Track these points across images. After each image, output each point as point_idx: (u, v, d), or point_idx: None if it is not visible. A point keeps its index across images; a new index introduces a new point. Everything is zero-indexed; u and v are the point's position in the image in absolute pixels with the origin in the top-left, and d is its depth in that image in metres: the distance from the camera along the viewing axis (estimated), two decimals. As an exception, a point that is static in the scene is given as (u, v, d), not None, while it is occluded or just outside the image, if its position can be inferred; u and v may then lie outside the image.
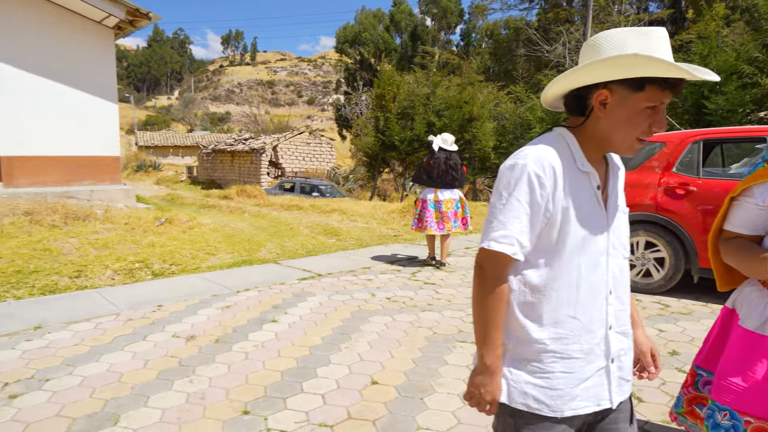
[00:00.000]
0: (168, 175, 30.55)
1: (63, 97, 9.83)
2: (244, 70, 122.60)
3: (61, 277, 5.81)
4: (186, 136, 47.14)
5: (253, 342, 4.15)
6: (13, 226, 7.36)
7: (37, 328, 4.38)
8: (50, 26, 9.66)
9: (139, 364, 3.70)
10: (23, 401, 3.13)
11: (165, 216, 8.80)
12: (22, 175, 9.52)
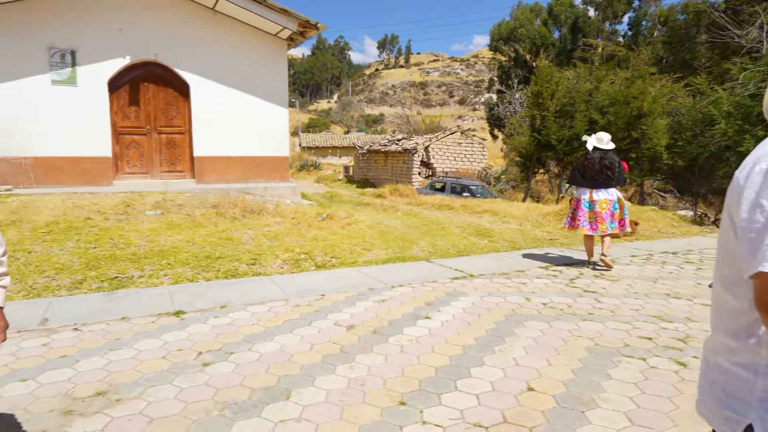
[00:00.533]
0: (327, 174, 32.75)
1: (243, 103, 11.08)
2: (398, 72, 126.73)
3: (240, 263, 6.54)
4: (343, 138, 50.15)
5: (407, 336, 4.27)
6: (203, 217, 8.47)
7: (223, 307, 4.99)
8: (234, 41, 10.94)
9: (306, 347, 4.02)
10: (213, 369, 3.59)
11: (326, 212, 9.44)
12: (210, 173, 10.93)
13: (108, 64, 9.96)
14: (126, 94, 10.35)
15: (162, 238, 7.27)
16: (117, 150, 10.36)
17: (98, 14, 9.80)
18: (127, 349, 3.95)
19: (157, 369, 3.59)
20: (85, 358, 3.77)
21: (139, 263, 6.28)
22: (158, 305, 5.00)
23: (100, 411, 3.01)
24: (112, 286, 5.60)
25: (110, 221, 7.84)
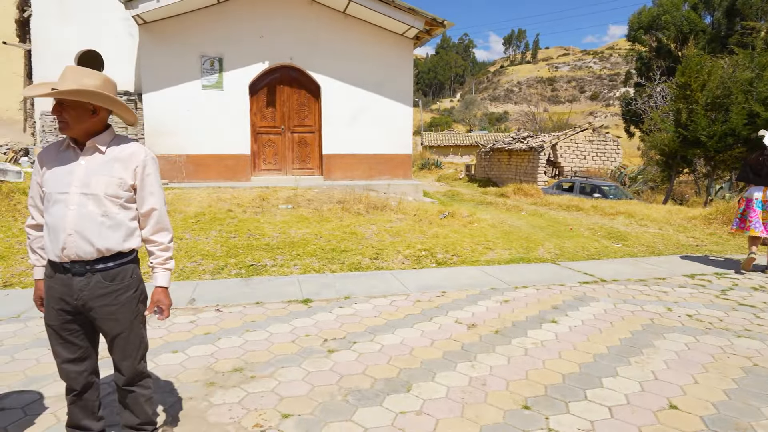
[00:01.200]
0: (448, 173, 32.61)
1: (369, 102, 11.40)
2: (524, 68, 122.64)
3: (363, 257, 6.73)
4: (465, 136, 49.66)
5: (532, 339, 4.08)
6: (330, 212, 8.85)
7: (347, 298, 5.16)
8: (362, 43, 11.29)
9: (427, 342, 4.01)
10: (338, 356, 3.72)
11: (447, 210, 9.39)
12: (337, 170, 11.40)
13: (249, 69, 10.82)
14: (264, 96, 11.17)
15: (293, 230, 7.72)
16: (255, 148, 11.22)
17: (242, 23, 10.67)
18: (261, 331, 4.23)
19: (287, 352, 3.80)
20: (225, 336, 4.11)
21: (272, 253, 6.72)
22: (288, 293, 5.30)
23: (237, 385, 3.26)
24: (248, 273, 6.05)
25: (248, 213, 8.50)
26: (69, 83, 2.08)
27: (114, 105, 2.19)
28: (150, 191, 2.26)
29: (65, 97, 2.07)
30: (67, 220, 2.11)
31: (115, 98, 2.18)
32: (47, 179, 2.17)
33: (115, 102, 2.18)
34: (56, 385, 3.24)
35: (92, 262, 2.16)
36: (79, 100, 2.10)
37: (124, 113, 2.27)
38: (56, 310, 2.20)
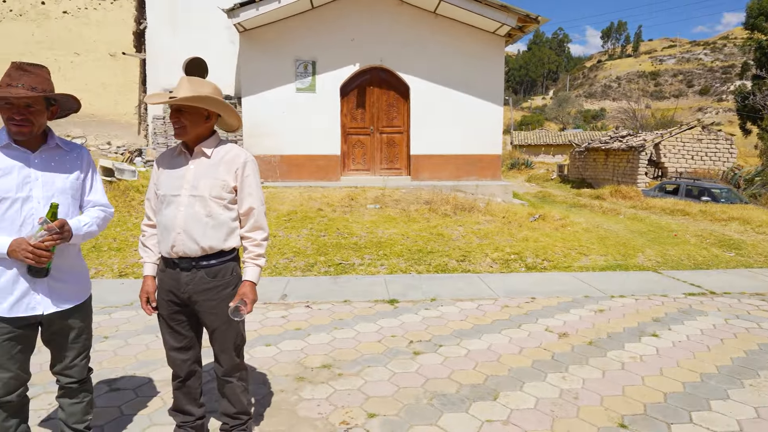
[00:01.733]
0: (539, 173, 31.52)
1: (458, 102, 11.28)
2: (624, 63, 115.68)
3: (450, 259, 6.67)
4: (558, 135, 47.71)
5: (629, 353, 3.83)
6: (417, 213, 8.86)
7: (433, 300, 5.14)
8: (451, 42, 11.19)
9: (515, 349, 3.90)
10: (423, 359, 3.71)
11: (538, 212, 9.07)
12: (424, 171, 11.40)
13: (340, 71, 11.10)
14: (354, 98, 11.41)
15: (380, 230, 7.82)
16: (345, 149, 11.50)
17: (334, 27, 10.97)
18: (348, 329, 4.32)
19: (373, 351, 3.85)
20: (314, 332, 4.25)
21: (359, 252, 6.85)
22: (375, 292, 5.38)
23: (325, 382, 3.35)
24: (337, 271, 6.21)
25: (337, 213, 8.73)
26: (185, 91, 2.24)
27: (225, 110, 2.34)
28: (249, 192, 2.38)
29: (186, 104, 2.23)
30: (176, 220, 2.28)
31: (227, 104, 2.32)
32: (162, 182, 2.35)
33: (227, 107, 2.33)
34: (163, 371, 3.51)
35: (197, 258, 2.31)
36: (195, 107, 2.26)
37: (232, 118, 2.42)
38: (166, 301, 2.39)
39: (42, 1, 11.84)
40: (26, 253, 1.96)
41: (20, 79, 2.00)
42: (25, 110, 2.02)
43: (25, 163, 2.07)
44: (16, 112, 2.00)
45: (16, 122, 2.01)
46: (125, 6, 12.08)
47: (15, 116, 2.00)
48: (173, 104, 2.27)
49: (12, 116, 2.00)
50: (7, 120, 2.00)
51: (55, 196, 2.11)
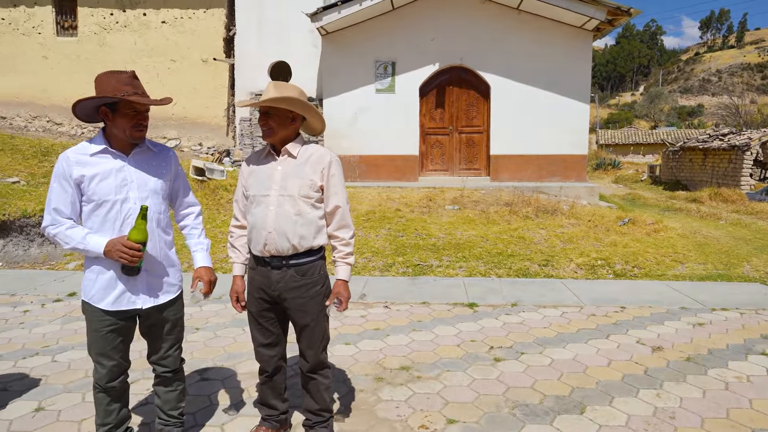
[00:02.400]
0: (627, 174, 29.86)
1: (540, 100, 10.90)
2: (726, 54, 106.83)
3: (531, 263, 6.45)
4: (648, 133, 44.93)
5: (735, 372, 3.51)
6: (497, 215, 8.66)
7: (514, 305, 4.99)
8: (534, 39, 10.83)
9: (603, 361, 3.69)
10: (504, 366, 3.60)
11: (628, 216, 8.57)
12: (505, 171, 11.12)
13: (420, 71, 11.07)
14: (433, 97, 11.35)
15: (458, 231, 7.71)
16: (423, 149, 11.46)
17: (414, 27, 10.96)
18: (426, 331, 4.29)
19: (452, 355, 3.80)
20: (393, 333, 4.25)
21: (438, 253, 6.79)
22: (453, 295, 5.30)
23: (404, 384, 3.34)
24: (414, 272, 6.19)
25: (415, 213, 8.71)
26: (274, 95, 2.31)
27: (309, 111, 2.40)
28: (334, 191, 2.43)
29: (273, 105, 2.31)
30: (267, 219, 2.35)
31: (311, 105, 2.38)
32: (251, 183, 2.44)
33: (311, 109, 2.39)
34: (248, 364, 3.65)
35: (287, 257, 2.38)
36: (282, 109, 2.33)
37: (316, 120, 2.47)
38: (256, 299, 2.47)
39: (144, 13, 12.77)
40: (120, 253, 2.08)
41: (140, 86, 2.15)
42: (146, 115, 2.19)
43: (122, 166, 2.20)
44: (142, 117, 2.16)
45: (142, 127, 2.17)
46: (217, 14, 12.75)
47: (142, 122, 2.16)
48: (262, 107, 2.35)
49: (139, 122, 2.15)
50: (133, 126, 2.14)
51: (148, 197, 2.24)
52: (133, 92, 2.10)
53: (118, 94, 2.08)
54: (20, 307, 4.95)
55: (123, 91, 2.09)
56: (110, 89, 2.08)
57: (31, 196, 7.63)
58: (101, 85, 2.10)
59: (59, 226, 2.14)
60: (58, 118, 13.16)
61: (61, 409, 3.04)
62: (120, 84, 2.09)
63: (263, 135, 2.42)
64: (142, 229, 2.13)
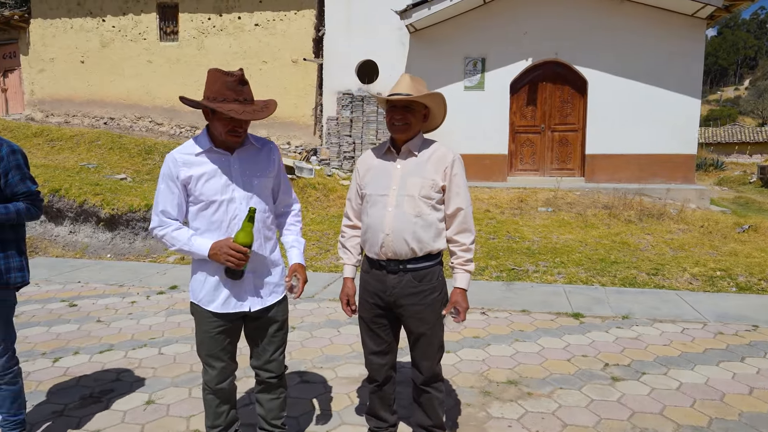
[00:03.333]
0: (732, 175, 27.42)
1: (642, 95, 10.13)
2: None
3: (639, 271, 5.94)
4: (757, 131, 41.10)
5: None
6: (595, 218, 8.12)
7: (624, 317, 4.57)
8: (638, 29, 10.08)
9: (743, 388, 3.24)
10: (625, 387, 3.26)
11: (748, 223, 7.73)
12: (601, 172, 10.45)
13: (511, 67, 10.65)
14: (524, 94, 10.88)
15: (554, 235, 7.29)
16: (512, 148, 11.02)
17: (505, 22, 10.55)
18: (530, 342, 4.01)
19: (563, 371, 3.50)
20: (494, 342, 4.01)
21: (533, 258, 6.43)
22: (555, 303, 4.96)
23: (514, 400, 3.10)
24: (509, 277, 5.88)
25: (505, 215, 8.36)
26: (416, 90, 2.18)
27: (442, 109, 2.26)
28: (457, 191, 2.25)
29: (420, 100, 2.18)
30: (385, 220, 2.21)
31: (445, 104, 2.24)
32: (367, 182, 2.31)
33: (444, 105, 2.25)
34: (347, 368, 3.56)
35: (405, 261, 2.23)
36: (420, 104, 2.21)
37: (440, 119, 2.32)
38: (370, 304, 2.34)
39: (239, 17, 13.25)
40: (226, 256, 2.00)
41: (244, 92, 2.02)
42: (245, 122, 2.06)
43: (227, 165, 2.12)
44: (238, 124, 2.04)
45: (237, 133, 2.05)
46: (307, 16, 12.99)
47: (238, 128, 2.04)
48: (399, 101, 2.19)
49: (235, 128, 2.03)
50: (228, 132, 2.03)
51: (253, 196, 2.15)
52: (234, 98, 1.99)
53: (218, 98, 1.98)
54: (128, 298, 5.20)
55: (224, 96, 1.98)
56: (214, 91, 1.99)
57: (136, 192, 8.07)
58: (208, 83, 2.01)
59: (166, 227, 2.10)
60: (159, 119, 13.96)
61: (170, 404, 3.08)
62: (224, 88, 1.98)
63: (396, 130, 2.25)
64: (248, 232, 2.04)
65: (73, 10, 14.04)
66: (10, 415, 2.47)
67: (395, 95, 2.17)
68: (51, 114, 14.61)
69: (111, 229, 7.53)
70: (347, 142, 11.42)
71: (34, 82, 14.43)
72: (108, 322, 4.51)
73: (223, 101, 1.98)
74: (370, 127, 11.31)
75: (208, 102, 1.98)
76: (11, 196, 2.34)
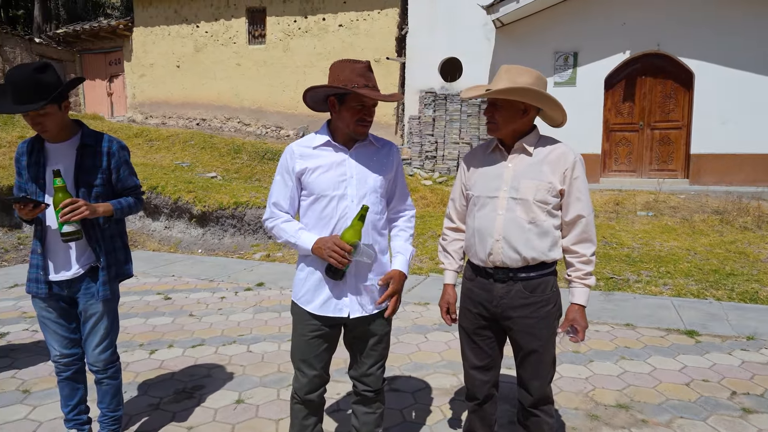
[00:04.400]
0: None
1: (757, 88, 9.12)
2: None
3: (761, 286, 5.28)
4: None
5: None
6: (704, 224, 7.39)
7: (749, 338, 4.04)
8: (753, 15, 9.07)
9: None
10: (760, 421, 2.83)
11: None
12: (709, 173, 9.54)
13: (606, 61, 9.99)
14: (620, 90, 10.17)
15: (657, 242, 6.70)
16: (606, 147, 10.34)
17: (600, 13, 9.90)
18: (639, 361, 3.62)
19: (682, 397, 3.11)
20: (597, 359, 3.66)
21: (634, 266, 5.92)
22: (663, 318, 4.49)
23: (626, 427, 2.77)
24: (607, 286, 5.44)
25: (600, 218, 7.81)
26: (503, 83, 1.95)
27: (547, 102, 1.99)
28: (577, 196, 1.99)
29: (499, 97, 1.95)
30: (494, 225, 2.00)
31: (548, 95, 1.96)
32: (474, 182, 2.11)
33: (549, 99, 1.97)
34: (437, 378, 3.37)
35: (515, 270, 2.00)
36: (512, 100, 1.96)
37: (555, 111, 2.06)
38: (473, 314, 2.14)
39: (323, 18, 13.44)
40: (330, 251, 1.88)
41: (372, 79, 1.96)
42: (372, 111, 1.99)
43: (343, 160, 2.01)
44: (367, 113, 1.96)
45: (366, 123, 1.98)
46: (390, 14, 12.93)
47: (367, 117, 1.97)
48: (489, 98, 1.99)
49: (364, 116, 1.96)
50: (357, 121, 1.95)
51: (366, 195, 2.01)
52: (364, 84, 1.91)
53: (349, 85, 1.89)
54: (217, 293, 5.31)
55: (355, 82, 1.90)
56: (343, 79, 1.91)
57: (225, 190, 8.33)
58: (335, 73, 1.94)
59: (276, 219, 2.04)
60: (247, 120, 14.46)
61: (258, 404, 3.04)
62: (353, 74, 1.91)
63: (488, 129, 2.06)
64: (357, 230, 1.91)
65: (171, 17, 14.86)
66: (109, 411, 2.50)
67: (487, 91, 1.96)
68: (150, 116, 15.57)
69: (202, 225, 7.81)
70: (429, 141, 11.22)
71: (136, 86, 15.43)
72: (199, 317, 4.60)
73: (354, 87, 1.89)
74: (453, 126, 11.04)
75: (344, 87, 1.90)
76: (121, 190, 2.41)
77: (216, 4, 14.32)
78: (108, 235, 2.37)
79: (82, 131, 2.31)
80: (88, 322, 2.35)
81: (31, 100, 2.09)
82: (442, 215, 7.80)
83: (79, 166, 2.25)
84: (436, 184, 10.24)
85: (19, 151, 2.32)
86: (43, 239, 2.27)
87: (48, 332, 2.36)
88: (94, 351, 2.37)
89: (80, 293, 2.31)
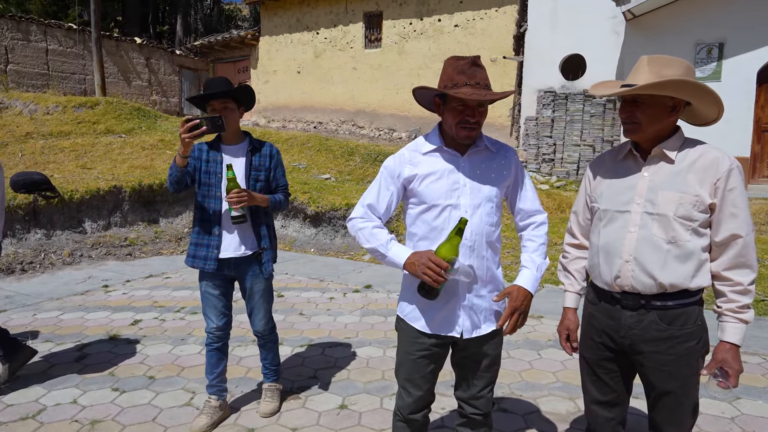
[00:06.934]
0: None
1: None
2: None
3: None
4: None
5: None
6: None
7: None
8: None
9: None
10: None
11: None
12: None
13: (759, 52, 8.77)
14: (776, 84, 8.88)
15: (822, 260, 5.72)
16: (756, 149, 9.10)
17: None
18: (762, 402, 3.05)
19: None
20: (745, 395, 3.17)
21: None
22: (833, 353, 3.78)
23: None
24: (758, 310, 4.73)
25: (747, 231, 6.85)
26: (647, 75, 1.67)
27: (705, 97, 1.68)
28: (732, 212, 1.65)
29: (648, 92, 1.67)
30: (624, 243, 1.73)
31: (709, 87, 1.66)
32: (601, 193, 1.85)
33: (708, 92, 1.67)
34: (551, 400, 3.10)
35: (648, 297, 1.72)
36: (658, 96, 1.67)
37: (711, 107, 1.74)
38: (597, 343, 1.88)
39: (438, 19, 13.34)
40: (425, 268, 1.70)
41: (478, 75, 1.76)
42: (478, 111, 1.78)
43: (455, 167, 1.85)
44: (470, 113, 1.77)
45: (470, 125, 1.78)
46: (508, 12, 12.49)
47: (470, 118, 1.77)
48: (630, 95, 1.72)
49: (466, 118, 1.77)
50: (458, 123, 1.77)
51: (481, 205, 1.84)
52: (465, 82, 1.72)
53: (448, 84, 1.75)
54: (327, 294, 5.39)
55: (455, 81, 1.74)
56: (444, 79, 1.77)
57: (338, 191, 8.53)
58: (442, 72, 1.80)
59: (368, 221, 1.90)
60: (361, 122, 14.79)
61: (362, 412, 2.99)
62: (455, 72, 1.75)
63: (625, 131, 1.79)
64: (455, 246, 1.73)
65: (293, 26, 15.64)
66: (272, 365, 3.01)
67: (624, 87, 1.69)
68: (272, 120, 16.52)
69: (315, 225, 8.05)
70: (547, 143, 10.65)
71: (260, 92, 16.44)
72: (309, 316, 4.70)
73: (454, 87, 1.74)
74: (574, 128, 10.38)
75: (440, 89, 1.77)
76: (275, 188, 2.86)
77: (335, 10, 14.81)
78: (268, 223, 2.83)
79: (249, 137, 2.81)
80: (253, 297, 2.84)
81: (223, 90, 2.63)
82: (559, 222, 7.31)
83: (250, 163, 2.73)
84: (553, 188, 9.68)
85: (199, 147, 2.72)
86: (219, 223, 2.68)
87: (208, 306, 2.80)
88: (261, 321, 2.89)
89: (248, 274, 2.78)
